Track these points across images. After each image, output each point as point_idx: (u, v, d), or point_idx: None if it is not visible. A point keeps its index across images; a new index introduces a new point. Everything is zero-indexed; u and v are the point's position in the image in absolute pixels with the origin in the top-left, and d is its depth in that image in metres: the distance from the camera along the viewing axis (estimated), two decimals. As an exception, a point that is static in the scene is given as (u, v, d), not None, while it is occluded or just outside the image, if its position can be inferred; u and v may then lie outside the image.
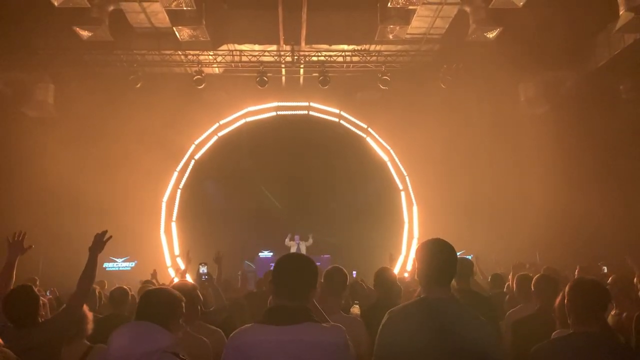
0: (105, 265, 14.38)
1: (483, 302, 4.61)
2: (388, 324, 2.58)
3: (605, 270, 7.82)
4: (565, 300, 2.91)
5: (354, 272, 12.16)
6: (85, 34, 11.69)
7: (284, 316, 2.40)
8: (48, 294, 7.51)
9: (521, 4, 10.76)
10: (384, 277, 4.71)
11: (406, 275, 7.27)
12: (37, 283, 6.90)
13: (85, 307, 3.83)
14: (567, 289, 2.93)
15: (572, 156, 12.45)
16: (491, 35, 12.08)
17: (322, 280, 3.95)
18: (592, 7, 11.14)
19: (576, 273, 6.69)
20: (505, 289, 6.43)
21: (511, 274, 6.43)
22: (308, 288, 2.50)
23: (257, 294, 6.76)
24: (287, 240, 14.59)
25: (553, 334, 3.31)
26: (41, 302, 3.70)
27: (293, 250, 14.49)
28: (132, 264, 14.50)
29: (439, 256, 2.64)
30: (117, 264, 14.52)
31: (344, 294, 4.04)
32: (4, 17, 10.94)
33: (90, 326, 3.82)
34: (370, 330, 3.43)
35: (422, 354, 2.44)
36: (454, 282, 4.64)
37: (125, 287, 5.49)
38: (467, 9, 11.96)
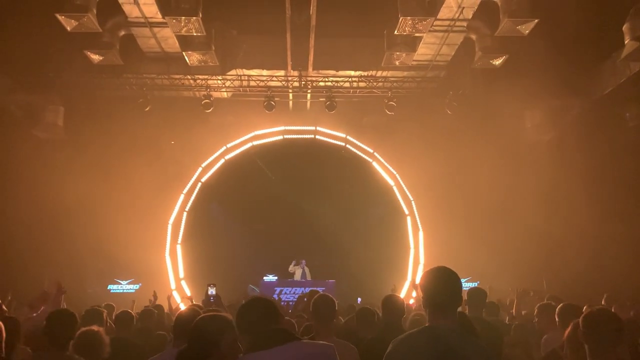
0: (110, 287, 14.36)
1: (494, 331, 4.56)
2: (392, 353, 2.58)
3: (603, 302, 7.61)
4: (581, 332, 2.88)
5: (359, 299, 12.10)
6: (96, 57, 11.90)
7: (271, 340, 2.52)
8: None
9: (527, 32, 10.88)
10: (392, 304, 4.60)
11: (412, 302, 7.18)
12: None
13: (102, 331, 3.86)
14: (582, 320, 2.90)
15: (578, 183, 12.41)
16: (497, 62, 12.19)
17: (311, 309, 3.99)
18: (598, 35, 11.24)
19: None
20: (501, 315, 6.30)
21: (516, 301, 6.36)
22: (278, 314, 2.69)
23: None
24: (291, 266, 14.53)
25: None
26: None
27: (298, 274, 14.42)
28: (137, 287, 14.45)
29: (443, 285, 2.65)
30: (121, 287, 14.48)
31: (333, 319, 4.01)
32: (16, 40, 11.14)
33: (107, 349, 3.83)
34: None
35: None
36: (466, 309, 4.67)
37: (130, 311, 5.49)
38: (473, 36, 12.11)
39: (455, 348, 2.51)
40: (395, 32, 11.14)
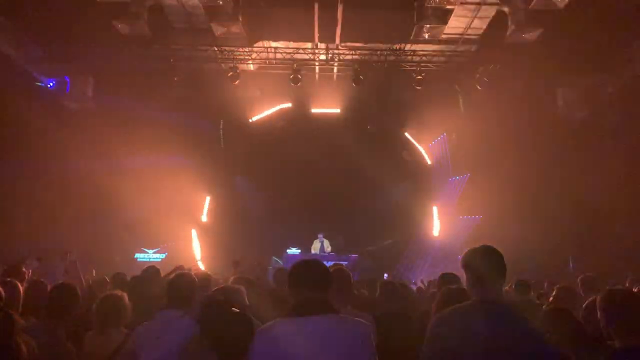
0: (137, 256, 14.62)
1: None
2: (437, 327, 2.58)
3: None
4: (602, 314, 2.80)
5: (385, 275, 12.13)
6: (124, 28, 11.92)
7: (307, 308, 2.52)
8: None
9: (563, 5, 10.51)
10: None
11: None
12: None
13: (125, 296, 3.90)
14: (601, 301, 2.82)
15: (611, 162, 12.11)
16: (530, 37, 11.84)
17: None
18: (635, 11, 10.81)
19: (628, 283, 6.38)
20: (532, 296, 6.11)
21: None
22: (327, 282, 2.67)
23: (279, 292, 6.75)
24: (313, 245, 14.61)
25: None
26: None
27: (317, 247, 14.50)
28: (163, 256, 14.69)
29: (488, 260, 2.68)
30: (148, 255, 14.73)
31: (347, 290, 4.03)
32: (46, 11, 11.21)
33: (128, 313, 3.86)
34: None
35: (474, 357, 2.44)
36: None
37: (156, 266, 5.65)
38: (507, 9, 11.74)
39: (506, 322, 2.50)
40: (426, 3, 10.89)
